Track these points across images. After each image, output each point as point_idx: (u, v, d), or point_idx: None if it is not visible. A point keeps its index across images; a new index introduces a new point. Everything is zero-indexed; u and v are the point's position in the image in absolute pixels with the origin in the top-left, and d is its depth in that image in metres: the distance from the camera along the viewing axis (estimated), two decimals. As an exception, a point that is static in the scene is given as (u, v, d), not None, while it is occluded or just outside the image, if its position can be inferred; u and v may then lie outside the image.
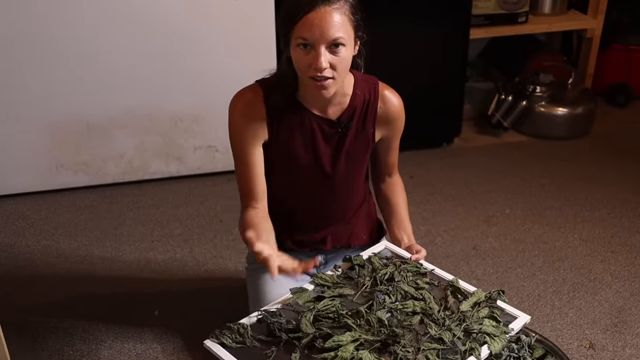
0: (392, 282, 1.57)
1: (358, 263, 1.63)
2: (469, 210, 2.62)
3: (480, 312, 1.52)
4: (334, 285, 1.58)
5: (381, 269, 1.61)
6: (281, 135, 1.60)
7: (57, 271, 2.26)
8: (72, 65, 2.53)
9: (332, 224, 1.78)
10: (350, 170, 1.70)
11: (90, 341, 1.95)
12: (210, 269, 2.28)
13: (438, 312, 1.50)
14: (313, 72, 1.46)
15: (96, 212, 2.61)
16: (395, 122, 1.70)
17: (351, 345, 1.38)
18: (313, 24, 1.41)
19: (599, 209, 2.62)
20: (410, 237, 1.76)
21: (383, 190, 1.83)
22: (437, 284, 1.60)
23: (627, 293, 2.15)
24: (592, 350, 1.92)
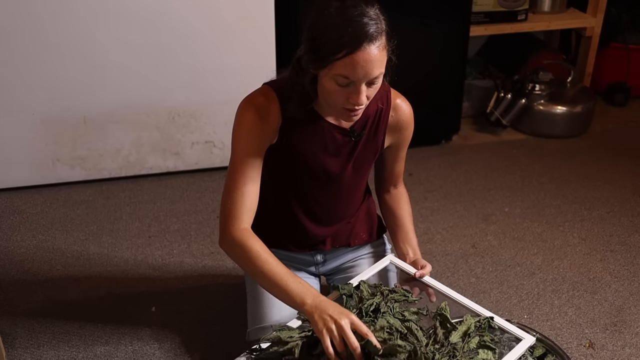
0: (378, 314, 1.51)
1: (345, 293, 1.57)
2: (468, 208, 2.61)
3: (471, 342, 1.46)
4: None
5: (368, 299, 1.54)
6: (291, 140, 1.56)
7: (52, 266, 2.24)
8: (69, 59, 2.50)
9: (333, 225, 1.76)
10: (356, 175, 1.68)
11: (87, 337, 1.93)
12: (207, 265, 2.26)
13: (426, 345, 1.44)
14: (349, 106, 1.43)
15: (92, 207, 2.59)
16: (405, 130, 1.69)
17: None
18: (357, 65, 1.35)
19: (598, 208, 2.61)
20: (415, 251, 1.74)
21: (388, 202, 1.81)
22: (426, 314, 1.54)
23: (627, 292, 2.15)
24: (591, 350, 1.92)
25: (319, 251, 1.80)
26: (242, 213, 1.49)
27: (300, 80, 1.48)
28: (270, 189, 1.63)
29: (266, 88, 1.55)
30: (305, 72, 1.45)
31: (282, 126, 1.54)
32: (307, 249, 1.79)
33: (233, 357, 1.83)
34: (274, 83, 1.56)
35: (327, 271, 1.85)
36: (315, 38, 1.40)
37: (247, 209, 1.50)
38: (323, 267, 1.84)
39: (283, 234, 1.75)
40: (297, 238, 1.76)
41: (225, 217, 1.50)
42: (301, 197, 1.68)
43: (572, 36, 3.59)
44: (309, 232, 1.74)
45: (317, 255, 1.81)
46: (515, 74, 3.27)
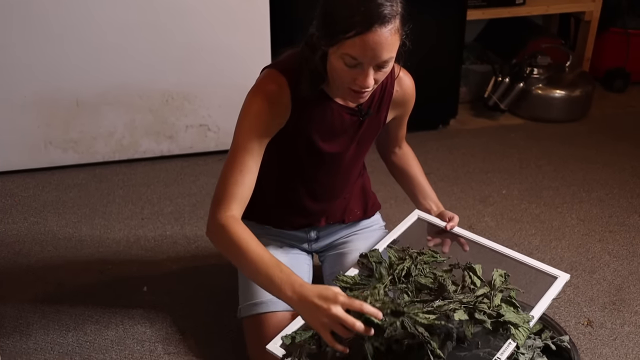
0: (410, 278, 1.56)
1: (375, 260, 1.60)
2: (465, 190, 2.58)
3: (496, 298, 1.51)
4: (356, 287, 1.55)
5: (398, 264, 1.59)
6: (299, 122, 1.52)
7: (44, 247, 2.21)
8: (61, 40, 2.47)
9: (329, 202, 1.73)
10: (357, 153, 1.66)
11: (77, 316, 1.90)
12: (200, 247, 2.23)
13: (454, 292, 1.50)
14: (355, 87, 1.39)
15: (85, 190, 2.56)
16: (409, 102, 1.67)
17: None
18: (366, 47, 1.31)
19: (597, 190, 2.58)
20: (438, 205, 1.77)
21: (396, 163, 1.80)
22: (457, 265, 1.61)
23: (626, 272, 2.12)
24: (590, 328, 1.88)
25: (312, 228, 1.77)
26: (232, 202, 1.43)
27: (312, 57, 1.43)
28: (271, 168, 1.59)
29: (274, 72, 1.49)
30: (317, 49, 1.41)
31: (292, 110, 1.50)
32: (302, 227, 1.76)
33: (225, 336, 1.81)
34: (279, 65, 1.50)
35: (320, 248, 1.82)
36: (327, 14, 1.35)
37: (239, 198, 1.44)
38: (316, 243, 1.81)
39: (279, 213, 1.72)
40: (292, 217, 1.73)
41: (215, 205, 1.44)
42: (301, 176, 1.65)
43: (570, 21, 3.56)
44: (306, 210, 1.71)
45: (311, 232, 1.79)
46: (514, 58, 3.24)
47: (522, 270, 1.65)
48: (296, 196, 1.69)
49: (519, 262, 1.66)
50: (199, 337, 1.82)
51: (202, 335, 1.83)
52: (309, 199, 1.70)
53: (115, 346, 1.79)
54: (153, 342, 1.80)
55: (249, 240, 1.38)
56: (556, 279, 1.60)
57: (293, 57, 1.51)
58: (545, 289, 1.59)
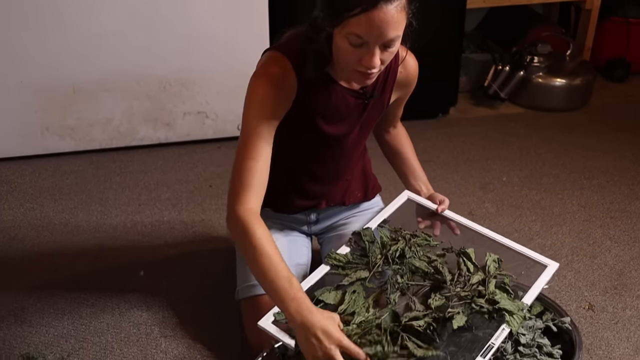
0: (404, 259, 1.55)
1: (368, 239, 1.58)
2: (465, 177, 2.56)
3: (490, 285, 1.50)
4: (349, 266, 1.53)
5: (391, 245, 1.57)
6: (304, 105, 1.48)
7: (40, 233, 2.19)
8: (58, 26, 2.44)
9: (331, 184, 1.71)
10: (361, 135, 1.64)
11: (72, 300, 1.88)
12: (198, 232, 2.21)
13: (451, 281, 1.49)
14: (361, 68, 1.35)
15: (82, 176, 2.53)
16: (412, 84, 1.65)
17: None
18: (372, 25, 1.27)
19: (598, 177, 2.56)
20: (428, 187, 1.75)
21: (389, 142, 1.77)
22: (451, 250, 1.59)
23: (627, 257, 2.10)
24: (591, 312, 1.86)
25: (313, 210, 1.75)
26: (249, 192, 1.39)
27: (316, 38, 1.40)
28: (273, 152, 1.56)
29: (277, 55, 1.45)
30: (321, 30, 1.37)
31: (297, 93, 1.46)
32: (303, 210, 1.74)
33: (222, 319, 1.79)
34: (282, 48, 1.46)
35: (319, 230, 1.80)
36: None
37: (255, 187, 1.40)
38: (315, 226, 1.79)
39: (280, 196, 1.69)
40: (293, 199, 1.71)
41: (233, 195, 1.40)
42: (304, 158, 1.63)
43: (571, 10, 3.54)
44: (307, 193, 1.69)
45: (311, 214, 1.76)
46: (514, 47, 3.22)
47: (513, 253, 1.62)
48: (298, 179, 1.67)
49: (509, 248, 1.63)
50: (196, 320, 1.80)
51: (199, 318, 1.81)
52: (311, 181, 1.67)
53: (111, 329, 1.77)
54: (149, 325, 1.78)
55: (265, 242, 1.34)
56: (546, 268, 1.57)
57: (295, 38, 1.47)
58: (537, 272, 1.56)
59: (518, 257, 1.62)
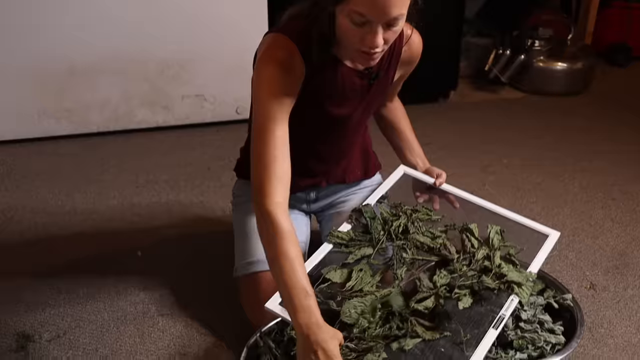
0: (407, 235, 1.54)
1: (369, 216, 1.56)
2: (466, 160, 2.54)
3: (496, 257, 1.50)
4: (352, 244, 1.52)
5: (393, 221, 1.56)
6: (309, 87, 1.44)
7: (36, 214, 2.17)
8: (55, 7, 2.42)
9: (333, 163, 1.69)
10: (364, 115, 1.61)
11: (69, 279, 1.86)
12: (196, 213, 2.19)
13: (457, 260, 1.48)
14: (364, 48, 1.31)
15: (79, 159, 2.52)
16: (415, 62, 1.62)
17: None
18: (375, 2, 1.23)
19: (599, 160, 2.54)
20: (424, 161, 1.73)
21: (385, 116, 1.75)
22: (453, 227, 1.58)
23: (629, 237, 2.08)
24: (592, 291, 1.85)
25: (313, 189, 1.73)
26: (274, 183, 1.33)
27: (319, 19, 1.36)
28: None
29: (282, 38, 1.39)
30: (323, 9, 1.34)
31: (305, 76, 1.42)
32: (302, 190, 1.72)
33: (220, 298, 1.78)
34: (286, 30, 1.41)
35: (319, 208, 1.78)
36: None
37: (280, 176, 1.34)
38: (315, 204, 1.77)
39: None
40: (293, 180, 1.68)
41: (258, 188, 1.34)
42: (307, 138, 1.59)
43: (572, -5, 3.52)
44: (308, 173, 1.67)
45: (311, 192, 1.74)
46: (515, 31, 3.19)
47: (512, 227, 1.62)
48: (299, 159, 1.63)
49: (509, 219, 1.62)
50: (194, 300, 1.78)
51: (197, 297, 1.79)
52: (312, 161, 1.65)
53: (107, 308, 1.75)
54: (146, 304, 1.76)
55: (289, 245, 1.29)
56: (547, 237, 1.57)
57: (297, 18, 1.43)
58: (537, 243, 1.56)
59: (518, 230, 1.60)
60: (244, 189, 1.73)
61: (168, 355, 1.59)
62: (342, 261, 1.49)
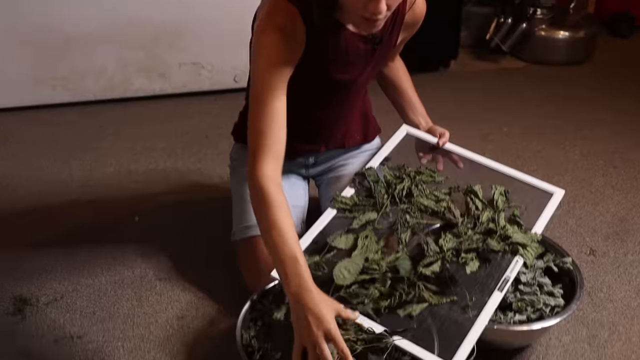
0: (411, 198, 1.52)
1: (373, 179, 1.55)
2: (465, 129, 2.50)
3: (501, 219, 1.49)
4: (356, 208, 1.50)
5: (397, 184, 1.54)
6: (312, 53, 1.41)
7: (33, 182, 2.15)
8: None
9: (332, 128, 1.67)
10: (367, 79, 1.59)
11: (66, 244, 1.85)
12: (193, 180, 2.18)
13: (462, 223, 1.48)
14: (367, 14, 1.27)
15: (76, 127, 2.49)
16: (418, 24, 1.59)
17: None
18: None
19: (600, 128, 2.52)
20: (427, 120, 1.71)
21: (387, 75, 1.72)
22: (457, 189, 1.57)
23: (630, 204, 2.07)
24: (592, 257, 1.84)
25: (312, 154, 1.71)
26: (267, 155, 1.31)
27: None
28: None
29: (282, 2, 1.35)
30: None
31: (306, 42, 1.39)
32: (301, 155, 1.70)
33: (218, 263, 1.77)
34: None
35: (317, 172, 1.76)
36: None
37: (274, 147, 1.33)
38: (313, 168, 1.75)
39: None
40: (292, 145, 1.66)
41: (252, 158, 1.33)
42: (308, 103, 1.57)
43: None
44: (307, 138, 1.65)
45: (310, 157, 1.73)
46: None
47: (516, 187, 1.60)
48: (298, 124, 1.61)
49: (513, 178, 1.61)
50: (192, 265, 1.77)
51: (195, 263, 1.78)
52: (312, 126, 1.63)
53: (105, 272, 1.74)
54: (144, 269, 1.75)
55: (280, 216, 1.27)
56: (552, 196, 1.56)
57: None
58: (542, 203, 1.55)
59: (522, 189, 1.59)
60: (241, 153, 1.71)
61: (166, 319, 1.59)
62: (346, 226, 1.48)
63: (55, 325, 1.56)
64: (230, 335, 1.40)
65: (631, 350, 1.53)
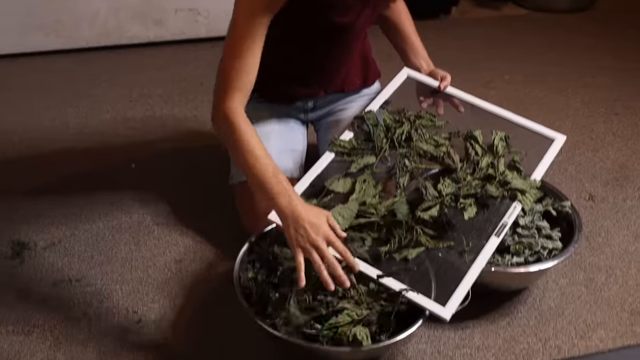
0: (410, 142, 1.50)
1: (372, 123, 1.52)
2: (466, 75, 2.44)
3: (500, 164, 1.48)
4: (354, 152, 1.48)
5: (396, 128, 1.51)
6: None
7: (28, 128, 2.12)
8: None
9: (332, 72, 1.64)
10: (367, 22, 1.55)
11: (63, 191, 1.84)
12: (190, 127, 2.15)
13: (461, 168, 1.46)
14: None
15: (70, 75, 2.45)
16: None
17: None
18: None
19: (603, 76, 2.49)
20: (428, 63, 1.68)
21: (388, 17, 1.68)
22: (457, 134, 1.55)
23: (630, 150, 2.05)
24: (591, 202, 1.83)
25: (311, 98, 1.69)
26: (235, 91, 1.33)
27: None
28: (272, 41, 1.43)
29: None
30: None
31: None
32: (300, 100, 1.67)
33: (216, 207, 1.76)
34: None
35: (316, 117, 1.74)
36: None
37: (243, 88, 1.34)
38: (312, 113, 1.73)
39: (276, 86, 1.61)
40: (291, 90, 1.63)
41: (219, 94, 1.34)
42: (305, 48, 1.53)
43: None
44: (306, 83, 1.62)
45: (308, 102, 1.70)
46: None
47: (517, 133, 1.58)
48: (297, 69, 1.59)
49: (514, 123, 1.59)
50: (190, 210, 1.77)
51: (192, 208, 1.78)
52: (311, 70, 1.60)
53: (102, 217, 1.73)
54: (142, 214, 1.75)
55: (250, 140, 1.30)
56: (553, 141, 1.54)
57: None
58: (542, 151, 1.53)
59: (523, 135, 1.57)
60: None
61: (164, 262, 1.59)
62: (344, 170, 1.47)
63: (54, 269, 1.56)
64: (228, 278, 1.39)
65: (627, 293, 1.54)
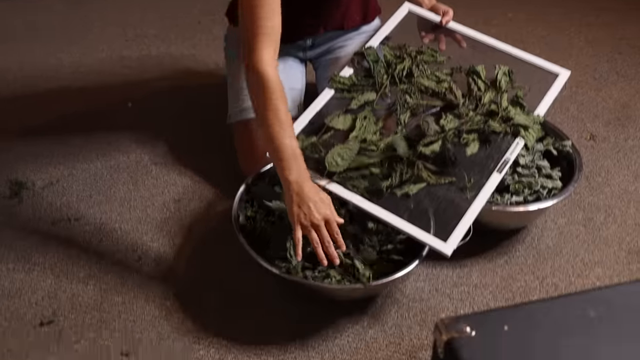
0: (411, 78, 1.47)
1: (372, 59, 1.49)
2: (468, 12, 2.35)
3: (503, 100, 1.45)
4: (354, 88, 1.45)
5: (397, 64, 1.48)
6: None
7: (22, 68, 2.09)
8: None
9: (330, 9, 1.59)
10: None
11: (59, 131, 1.82)
12: (187, 66, 2.12)
13: (463, 104, 1.44)
14: None
15: (60, 15, 2.39)
16: None
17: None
18: None
19: (607, 15, 2.43)
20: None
21: None
22: (459, 69, 1.52)
23: (633, 90, 2.03)
24: (592, 142, 1.82)
25: (310, 36, 1.65)
26: (267, 41, 1.31)
27: None
28: None
29: None
30: None
31: None
32: (299, 39, 1.63)
33: (214, 147, 1.75)
34: None
35: (315, 55, 1.71)
36: None
37: (273, 34, 1.32)
38: (311, 51, 1.70)
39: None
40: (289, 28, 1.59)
41: (248, 46, 1.31)
42: None
43: None
44: (304, 20, 1.58)
45: (308, 39, 1.66)
46: None
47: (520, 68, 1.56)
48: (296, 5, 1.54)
49: (518, 59, 1.56)
50: (188, 150, 1.75)
51: (190, 147, 1.76)
52: (310, 7, 1.56)
53: (100, 157, 1.72)
54: (139, 154, 1.74)
55: (279, 108, 1.28)
56: (557, 76, 1.52)
57: None
58: (546, 86, 1.51)
59: (526, 71, 1.55)
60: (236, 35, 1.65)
61: (162, 202, 1.59)
62: (344, 107, 1.45)
63: (52, 208, 1.56)
64: (226, 216, 1.40)
65: (626, 232, 1.54)
